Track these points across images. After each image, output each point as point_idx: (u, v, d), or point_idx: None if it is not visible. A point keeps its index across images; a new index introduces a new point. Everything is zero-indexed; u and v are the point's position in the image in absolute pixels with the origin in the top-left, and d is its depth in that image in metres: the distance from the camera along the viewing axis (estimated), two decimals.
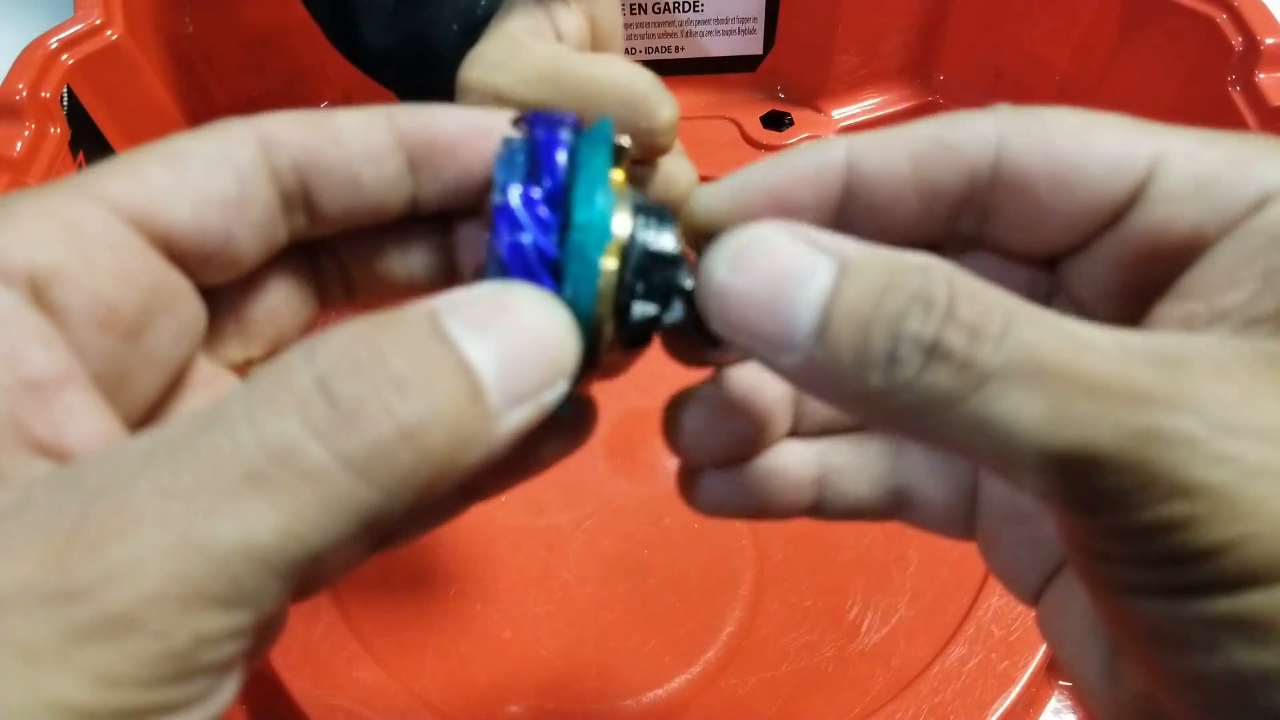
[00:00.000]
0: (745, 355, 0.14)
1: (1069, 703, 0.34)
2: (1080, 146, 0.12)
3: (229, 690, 0.11)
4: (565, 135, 0.13)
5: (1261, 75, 0.32)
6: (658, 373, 0.41)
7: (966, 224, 0.13)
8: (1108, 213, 0.12)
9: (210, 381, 0.15)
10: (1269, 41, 0.32)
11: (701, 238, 0.14)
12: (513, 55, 0.22)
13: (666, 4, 0.46)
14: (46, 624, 0.09)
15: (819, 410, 0.16)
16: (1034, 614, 0.16)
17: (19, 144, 0.31)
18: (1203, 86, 0.35)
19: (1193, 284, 0.11)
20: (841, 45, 0.47)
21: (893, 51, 0.48)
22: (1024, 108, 0.12)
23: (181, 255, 0.13)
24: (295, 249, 0.15)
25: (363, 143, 0.14)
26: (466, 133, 0.14)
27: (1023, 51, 0.44)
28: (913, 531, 0.36)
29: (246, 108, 0.46)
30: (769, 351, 0.11)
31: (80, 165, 0.34)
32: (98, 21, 0.35)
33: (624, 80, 0.21)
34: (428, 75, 0.26)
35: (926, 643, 0.33)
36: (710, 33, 0.48)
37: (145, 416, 0.13)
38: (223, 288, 0.14)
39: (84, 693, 0.09)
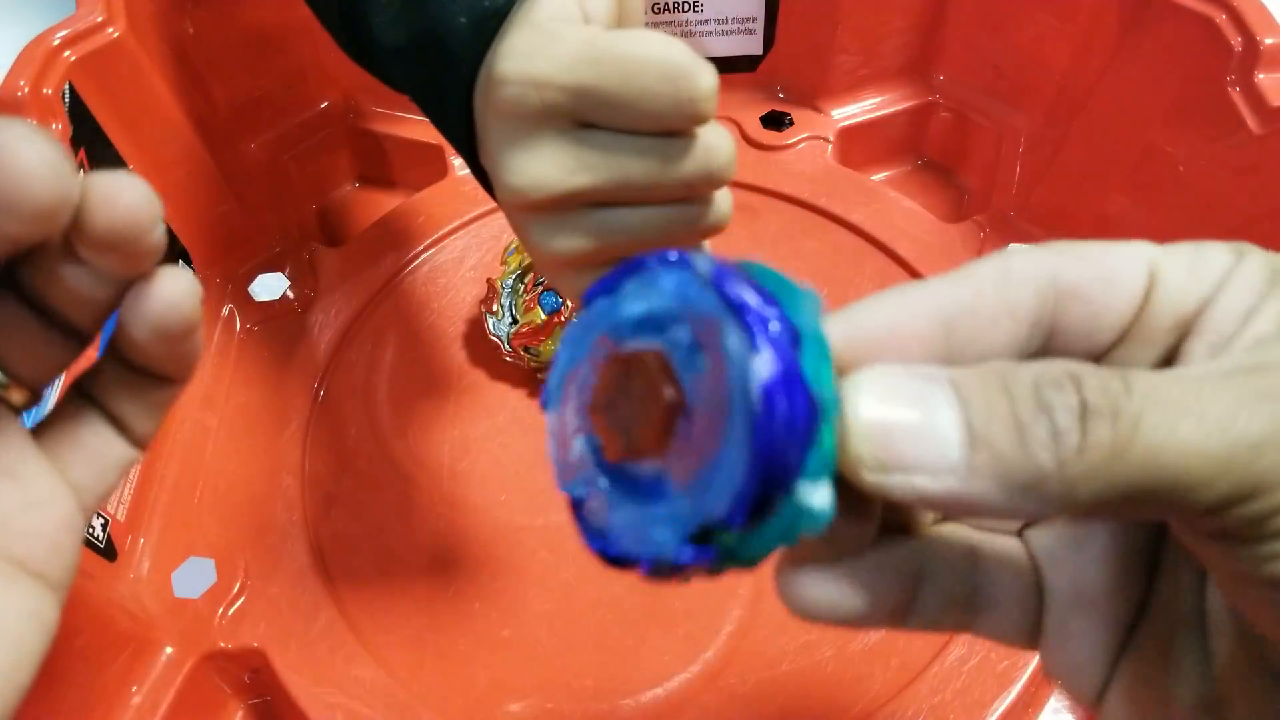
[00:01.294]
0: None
1: (1068, 702, 0.34)
2: (1110, 255, 0.14)
3: None
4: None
5: (1261, 75, 0.32)
6: None
7: (1034, 342, 0.15)
8: (1138, 304, 0.14)
9: None
10: (1268, 41, 0.33)
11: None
12: (546, 43, 0.22)
13: (666, 4, 0.46)
14: None
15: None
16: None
17: None
18: (1202, 86, 0.35)
19: (1206, 325, 0.14)
20: (841, 45, 0.47)
21: (892, 51, 0.48)
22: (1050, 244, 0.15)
23: None
24: None
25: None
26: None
27: (1022, 51, 0.44)
28: None
29: (247, 108, 0.46)
30: (928, 479, 0.12)
31: (82, 162, 0.34)
32: (99, 19, 0.35)
33: (662, 54, 0.21)
34: (437, 71, 0.26)
35: (926, 643, 0.33)
36: (710, 33, 0.48)
37: None
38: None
39: None
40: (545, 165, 0.23)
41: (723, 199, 0.25)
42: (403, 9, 0.27)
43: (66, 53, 0.34)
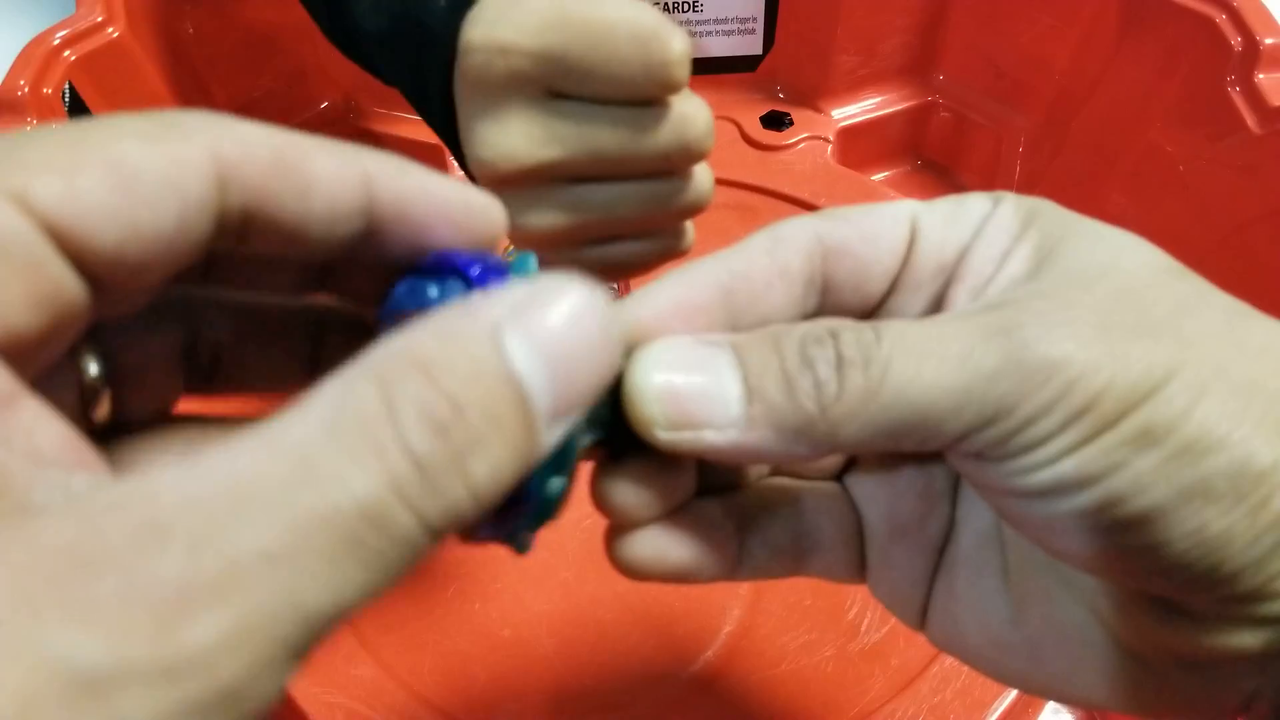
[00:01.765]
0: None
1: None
2: (871, 215, 0.16)
3: None
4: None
5: (1261, 75, 0.32)
6: None
7: (810, 300, 0.16)
8: (902, 256, 0.15)
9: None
10: (1268, 41, 0.33)
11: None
12: (512, 7, 0.21)
13: (666, 4, 0.46)
14: (158, 703, 0.08)
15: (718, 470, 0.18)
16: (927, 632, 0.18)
17: None
18: (1202, 86, 0.35)
19: (967, 270, 0.15)
20: (841, 45, 0.47)
21: (892, 51, 0.48)
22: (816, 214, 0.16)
23: (87, 271, 0.11)
24: (180, 323, 0.14)
25: (328, 203, 0.12)
26: (440, 212, 0.14)
27: (1022, 51, 0.44)
28: None
29: (247, 108, 0.46)
30: (714, 433, 0.14)
31: None
32: (99, 19, 0.35)
33: (631, 16, 0.20)
34: (420, 54, 0.25)
35: (926, 643, 0.32)
36: (710, 33, 0.48)
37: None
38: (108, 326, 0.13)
39: None
40: (514, 137, 0.22)
41: (703, 176, 0.24)
42: None
43: (66, 52, 0.34)
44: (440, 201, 0.14)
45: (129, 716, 0.08)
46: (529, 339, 0.10)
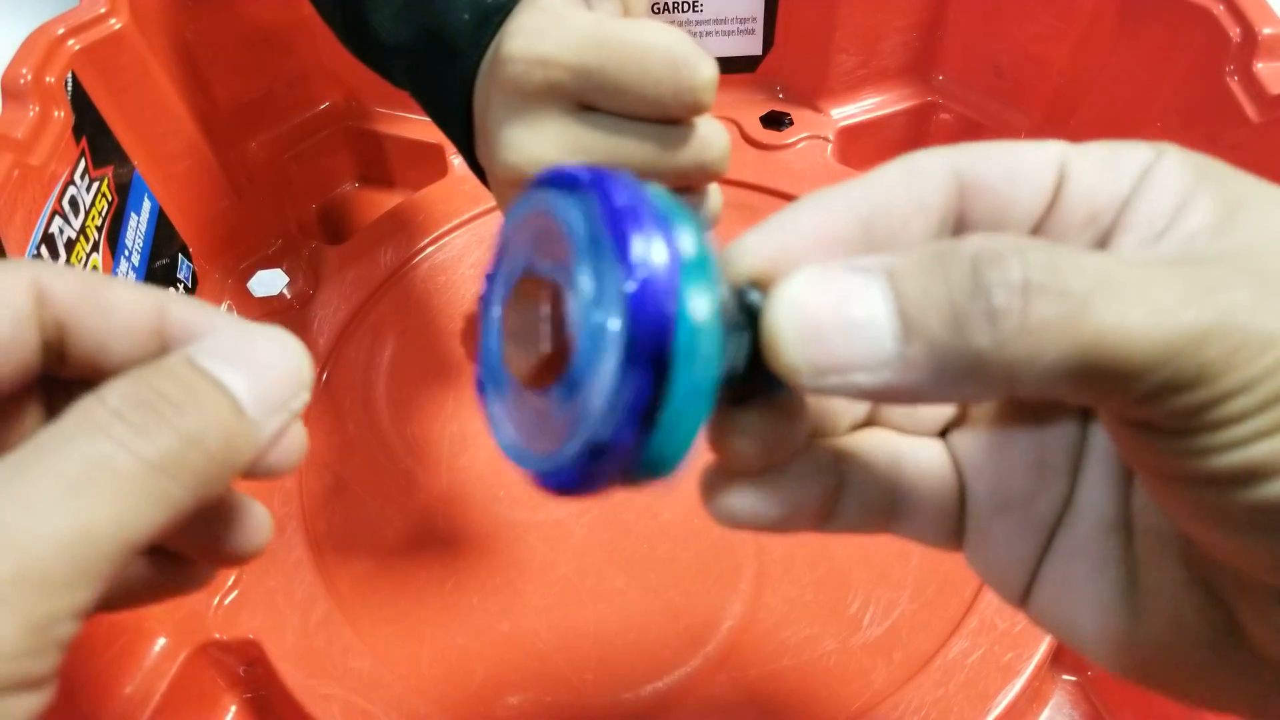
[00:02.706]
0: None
1: (1072, 697, 0.33)
2: (1014, 152, 0.14)
3: (53, 683, 0.13)
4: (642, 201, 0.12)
5: (1260, 65, 0.33)
6: None
7: (947, 235, 0.14)
8: (1047, 199, 0.14)
9: None
10: (1266, 31, 0.33)
11: (740, 292, 0.14)
12: (553, 24, 0.23)
13: (666, 4, 0.47)
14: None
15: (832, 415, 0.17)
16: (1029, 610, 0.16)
17: (23, 127, 0.31)
18: (1201, 78, 0.35)
19: (1134, 219, 0.13)
20: (841, 45, 0.47)
21: (892, 51, 0.48)
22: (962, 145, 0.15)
23: None
24: (44, 391, 0.17)
25: (126, 321, 0.16)
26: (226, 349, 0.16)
27: (1021, 50, 0.45)
28: None
29: (248, 108, 0.46)
30: (865, 375, 0.12)
31: (84, 149, 0.34)
32: (103, 10, 0.36)
33: (667, 41, 0.22)
34: (440, 67, 0.26)
35: (929, 636, 0.32)
36: (710, 33, 0.48)
37: None
38: None
39: None
40: (544, 142, 0.23)
41: (714, 194, 0.25)
42: (405, 7, 0.27)
43: (70, 42, 0.34)
44: (226, 339, 0.16)
45: None
46: (220, 356, 0.14)
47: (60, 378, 0.17)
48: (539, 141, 0.23)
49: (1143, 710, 0.32)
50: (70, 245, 0.32)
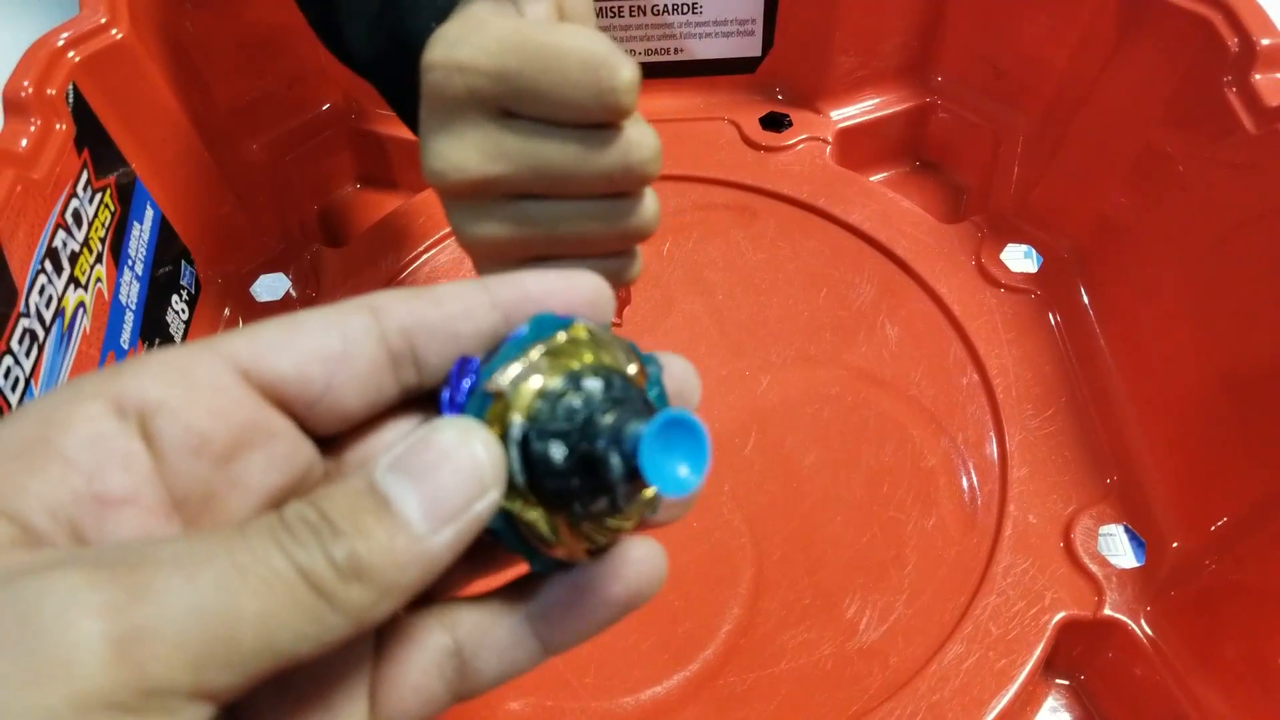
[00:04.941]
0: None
1: (1066, 700, 0.34)
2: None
3: None
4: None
5: (1257, 76, 0.33)
6: None
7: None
8: None
9: None
10: (1265, 42, 0.33)
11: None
12: (474, 30, 0.22)
13: (665, 6, 0.47)
14: (77, 634, 0.11)
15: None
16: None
17: (25, 140, 0.31)
18: (1199, 86, 0.35)
19: None
20: (840, 46, 0.47)
21: (891, 52, 0.48)
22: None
23: (285, 400, 0.15)
24: (413, 407, 0.17)
25: (461, 303, 0.16)
26: (552, 294, 0.16)
27: (1021, 52, 0.44)
28: (910, 531, 0.36)
29: (248, 109, 0.46)
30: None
31: (85, 162, 0.34)
32: (103, 20, 0.36)
33: (583, 44, 0.21)
34: (413, 78, 0.26)
35: (924, 641, 0.33)
36: (709, 34, 0.48)
37: None
38: (345, 438, 0.17)
39: (93, 711, 0.11)
40: (465, 150, 0.23)
41: (649, 202, 0.25)
42: (376, 20, 0.27)
43: (70, 54, 0.34)
44: (544, 288, 0.16)
45: (84, 684, 0.11)
46: (394, 463, 0.14)
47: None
48: (460, 149, 0.23)
49: (1136, 714, 0.33)
50: (74, 258, 0.33)
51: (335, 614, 0.13)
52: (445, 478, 0.14)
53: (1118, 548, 0.34)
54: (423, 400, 0.17)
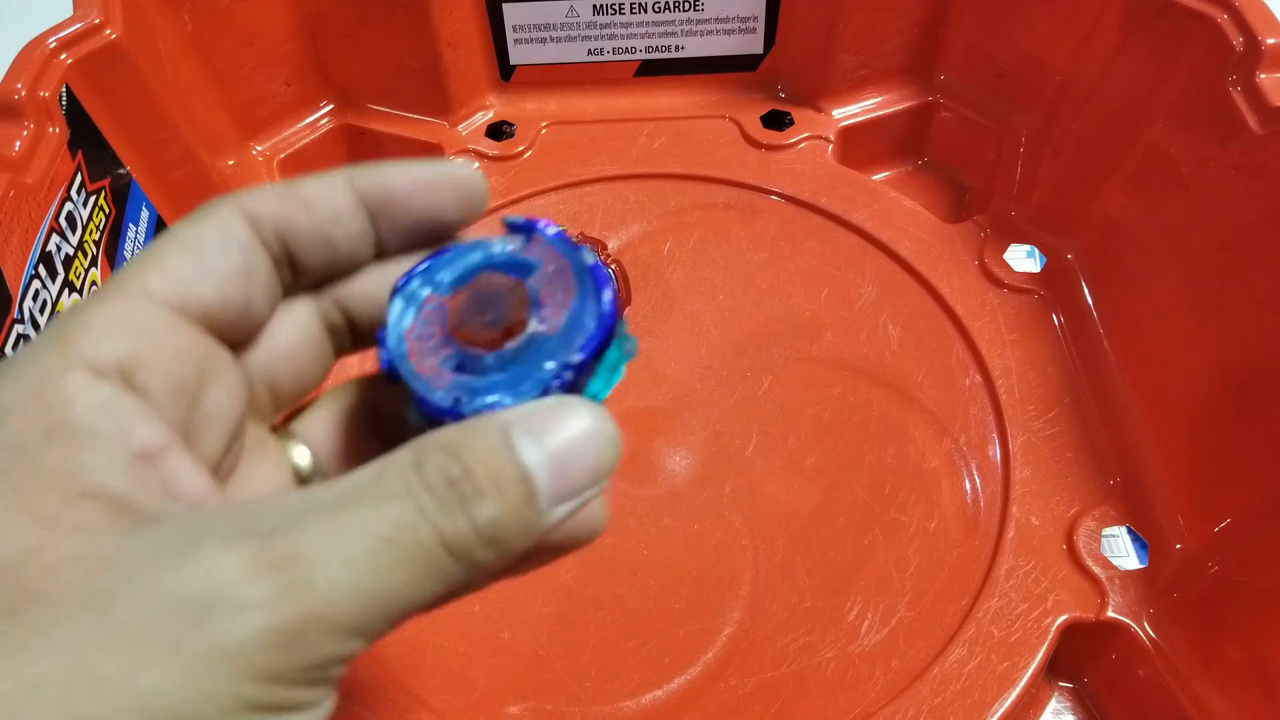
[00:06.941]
0: None
1: (1069, 704, 0.34)
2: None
3: (326, 708, 0.14)
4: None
5: (1262, 75, 0.32)
6: (657, 373, 0.40)
7: None
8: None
9: (260, 443, 0.18)
10: (1270, 41, 0.32)
11: None
12: None
13: (667, 3, 0.46)
14: (244, 629, 0.12)
15: None
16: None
17: (17, 143, 0.31)
18: (1203, 86, 0.35)
19: None
20: (842, 45, 0.47)
21: (893, 51, 0.47)
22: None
23: (216, 327, 0.16)
24: (306, 314, 0.18)
25: (329, 207, 0.17)
26: (417, 186, 0.17)
27: (1024, 51, 0.44)
28: (912, 533, 0.35)
29: (247, 109, 0.46)
30: None
31: (79, 164, 0.34)
32: (97, 21, 0.35)
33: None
34: None
35: (926, 644, 0.33)
36: (710, 32, 0.48)
37: (214, 472, 0.16)
38: (253, 356, 0.17)
39: (253, 687, 0.12)
40: None
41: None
42: None
43: (63, 55, 0.34)
44: (408, 179, 0.17)
45: (224, 634, 0.12)
46: (534, 436, 0.14)
47: (327, 303, 0.18)
48: None
49: (1139, 716, 0.33)
50: (68, 262, 0.32)
51: (463, 572, 0.14)
52: (575, 461, 0.15)
53: (1121, 549, 0.34)
54: (318, 309, 0.18)
